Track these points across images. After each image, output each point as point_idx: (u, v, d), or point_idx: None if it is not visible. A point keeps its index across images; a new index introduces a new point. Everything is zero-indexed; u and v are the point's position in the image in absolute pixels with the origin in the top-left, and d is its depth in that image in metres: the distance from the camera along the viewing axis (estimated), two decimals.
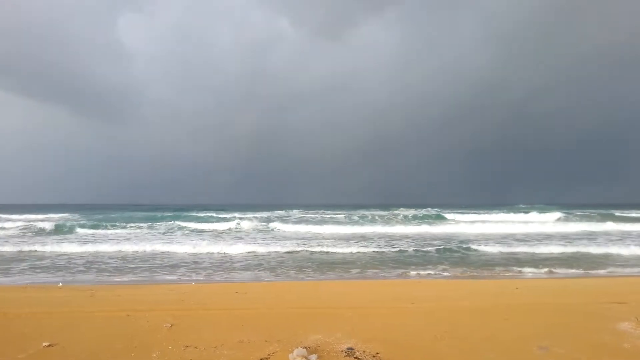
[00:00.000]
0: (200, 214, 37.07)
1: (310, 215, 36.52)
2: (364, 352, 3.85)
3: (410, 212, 37.43)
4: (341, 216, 34.48)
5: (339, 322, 4.93)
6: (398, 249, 14.57)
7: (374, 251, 14.22)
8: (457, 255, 13.14)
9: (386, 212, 42.63)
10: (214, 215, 36.23)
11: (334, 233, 20.76)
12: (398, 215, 35.28)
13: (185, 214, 37.04)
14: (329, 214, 37.35)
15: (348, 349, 3.92)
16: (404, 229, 22.56)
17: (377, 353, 3.82)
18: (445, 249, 14.20)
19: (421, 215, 34.64)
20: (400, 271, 10.28)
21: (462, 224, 23.95)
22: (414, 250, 14.29)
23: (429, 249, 14.44)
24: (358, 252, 13.87)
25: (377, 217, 33.85)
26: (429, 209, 45.39)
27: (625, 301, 5.91)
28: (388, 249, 14.53)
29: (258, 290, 7.84)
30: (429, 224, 26.33)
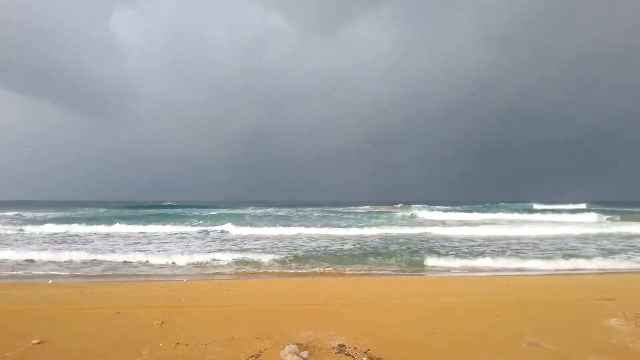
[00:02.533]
0: (154, 211, 36.10)
1: (283, 213, 34.93)
2: (355, 348, 3.86)
3: (390, 210, 37.28)
4: (313, 214, 33.37)
5: (330, 318, 4.94)
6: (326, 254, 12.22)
7: (291, 258, 11.43)
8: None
9: (364, 209, 42.48)
10: (178, 212, 35.93)
11: (285, 235, 18.19)
12: (372, 213, 34.96)
13: (136, 212, 35.41)
14: (304, 212, 36.47)
15: (339, 345, 3.93)
16: (368, 230, 19.46)
17: (369, 349, 3.83)
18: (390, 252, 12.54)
19: (398, 214, 33.96)
20: None
21: (438, 226, 21.39)
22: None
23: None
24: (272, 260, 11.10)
25: (350, 216, 32.94)
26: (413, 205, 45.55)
27: (614, 297, 5.97)
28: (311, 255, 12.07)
29: (250, 287, 7.83)
30: (409, 223, 24.89)
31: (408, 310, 5.43)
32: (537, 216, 30.04)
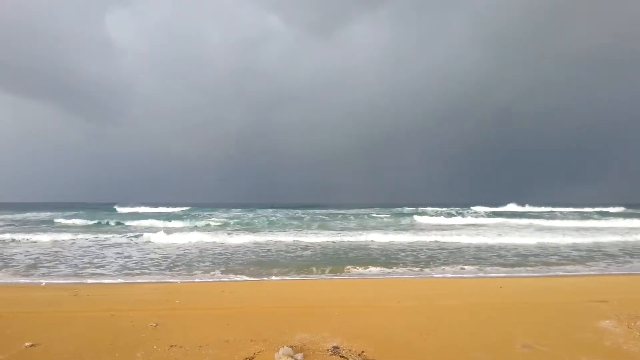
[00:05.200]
0: (110, 214, 34.00)
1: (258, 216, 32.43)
2: (350, 350, 3.87)
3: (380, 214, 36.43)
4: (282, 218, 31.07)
5: (325, 320, 4.94)
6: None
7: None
8: None
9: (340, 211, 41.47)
10: (145, 213, 34.93)
11: (218, 243, 15.63)
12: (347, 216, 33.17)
13: (92, 215, 32.82)
14: (289, 214, 35.13)
15: (334, 347, 3.93)
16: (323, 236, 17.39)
17: (363, 351, 3.84)
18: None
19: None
20: None
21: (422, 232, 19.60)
22: None
23: None
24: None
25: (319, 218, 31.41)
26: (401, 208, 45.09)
27: (607, 300, 6.01)
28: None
29: (244, 289, 7.81)
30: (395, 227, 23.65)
31: (402, 313, 5.44)
32: (591, 222, 27.16)
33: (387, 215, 35.25)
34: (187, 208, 45.25)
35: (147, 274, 9.91)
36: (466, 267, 10.73)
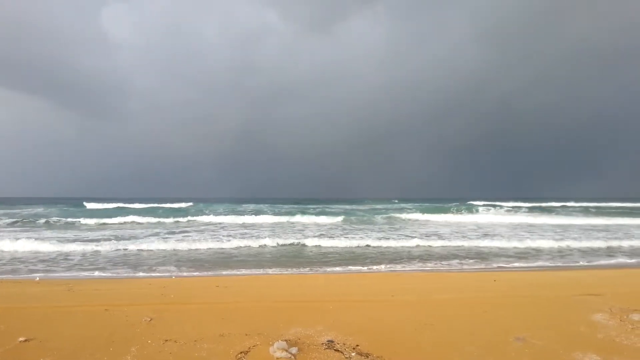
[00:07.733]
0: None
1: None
2: (345, 344, 3.88)
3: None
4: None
5: (320, 315, 4.95)
6: None
7: None
8: None
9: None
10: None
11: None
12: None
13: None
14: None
15: (328, 341, 3.94)
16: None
17: (357, 345, 3.85)
18: None
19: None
20: None
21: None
22: None
23: None
24: None
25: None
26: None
27: (600, 293, 6.06)
28: None
29: (239, 283, 7.81)
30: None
31: (397, 307, 5.46)
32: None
33: (386, 209, 35.16)
34: (181, 205, 44.48)
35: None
36: (461, 261, 10.83)
